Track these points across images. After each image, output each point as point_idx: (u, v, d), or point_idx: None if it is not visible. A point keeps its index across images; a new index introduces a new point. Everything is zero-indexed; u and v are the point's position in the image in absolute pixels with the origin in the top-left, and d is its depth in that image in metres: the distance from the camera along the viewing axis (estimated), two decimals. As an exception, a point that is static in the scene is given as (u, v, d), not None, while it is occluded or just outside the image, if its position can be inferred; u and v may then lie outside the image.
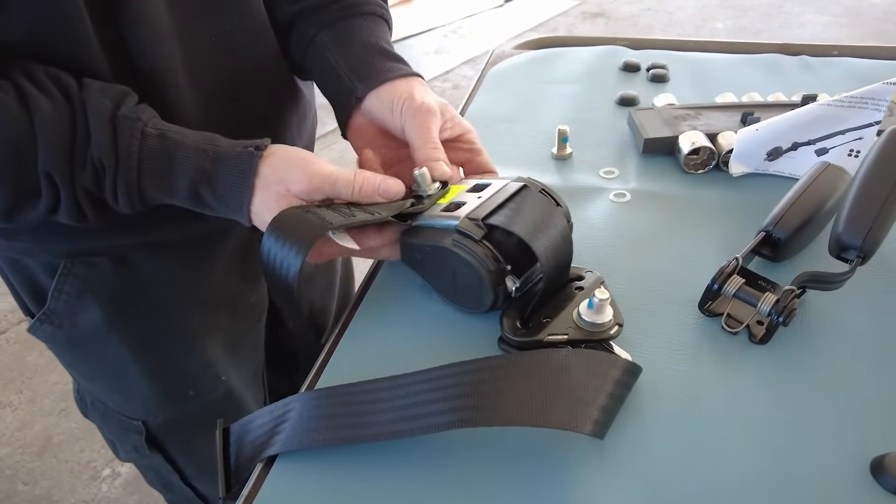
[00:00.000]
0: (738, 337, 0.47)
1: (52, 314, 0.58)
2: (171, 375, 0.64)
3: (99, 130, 0.42)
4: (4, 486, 1.48)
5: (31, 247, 0.54)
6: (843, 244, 0.46)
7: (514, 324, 0.46)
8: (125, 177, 0.43)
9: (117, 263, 0.56)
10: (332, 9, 0.56)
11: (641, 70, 0.88)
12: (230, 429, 0.46)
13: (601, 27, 3.78)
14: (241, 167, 0.44)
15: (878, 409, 0.41)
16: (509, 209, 0.46)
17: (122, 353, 0.60)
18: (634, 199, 0.62)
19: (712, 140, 0.66)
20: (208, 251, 0.62)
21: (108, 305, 0.58)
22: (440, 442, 0.40)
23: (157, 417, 0.67)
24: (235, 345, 0.68)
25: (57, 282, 0.56)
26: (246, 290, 0.67)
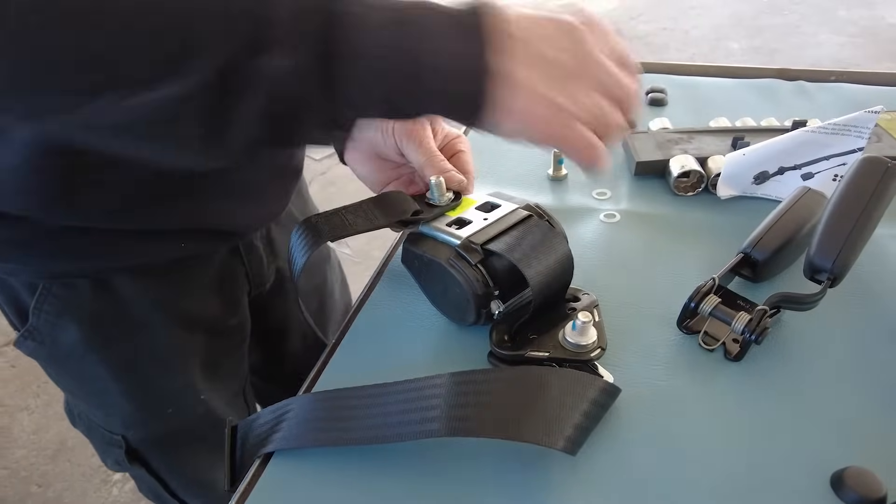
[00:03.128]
0: (715, 354, 0.49)
1: (34, 331, 0.60)
2: (149, 394, 0.66)
3: None
4: (19, 487, 1.52)
5: (14, 267, 0.57)
6: (815, 267, 0.48)
7: (503, 337, 0.48)
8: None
9: (96, 285, 0.58)
10: None
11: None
12: (238, 426, 0.49)
13: (616, 46, 3.81)
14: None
15: (842, 424, 0.43)
16: (510, 236, 0.49)
17: (100, 371, 0.62)
18: (624, 220, 0.64)
19: (702, 163, 0.68)
20: (187, 275, 0.63)
21: (87, 325, 0.60)
22: (426, 448, 0.43)
23: (136, 433, 0.69)
24: (215, 366, 0.70)
25: (36, 301, 0.58)
26: (224, 314, 0.69)
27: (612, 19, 1.24)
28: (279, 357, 0.83)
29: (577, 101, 0.38)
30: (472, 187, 0.56)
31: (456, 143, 0.58)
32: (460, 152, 0.57)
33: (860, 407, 0.44)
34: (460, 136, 0.58)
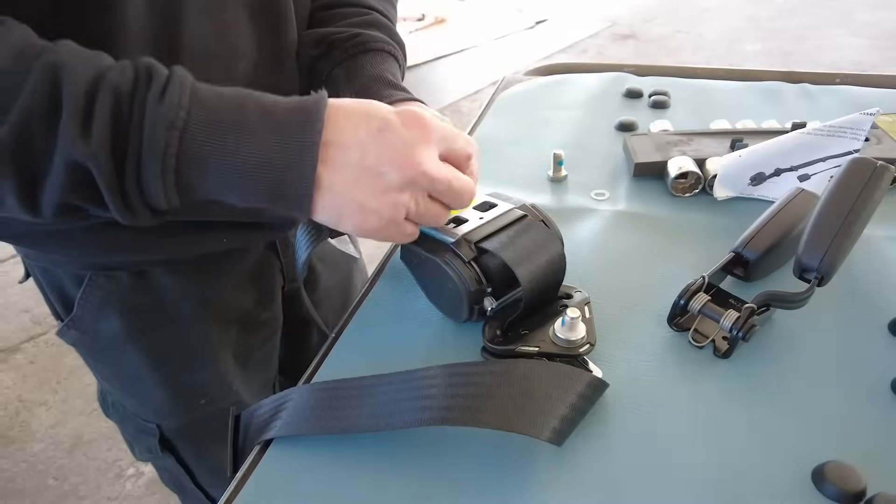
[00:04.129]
0: (704, 351, 0.50)
1: (77, 321, 0.62)
2: (183, 384, 0.68)
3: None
4: (36, 480, 1.55)
5: (61, 258, 0.59)
6: (803, 266, 0.49)
7: (495, 332, 0.49)
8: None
9: (136, 277, 0.61)
10: (345, 47, 0.61)
11: (644, 96, 0.92)
12: (241, 415, 0.51)
13: (631, 49, 3.81)
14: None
15: (825, 420, 0.44)
16: (504, 235, 0.50)
17: (137, 361, 0.65)
18: (622, 220, 0.65)
19: (700, 165, 0.69)
20: (223, 269, 0.65)
21: (127, 316, 0.62)
22: (418, 436, 0.44)
23: (170, 422, 0.71)
24: (247, 358, 0.72)
25: (83, 292, 0.60)
26: (258, 307, 0.71)
27: (627, 23, 1.26)
28: (304, 350, 0.85)
29: (385, 202, 0.43)
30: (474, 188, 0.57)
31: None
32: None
33: (844, 403, 0.45)
34: (469, 140, 0.59)
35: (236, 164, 0.40)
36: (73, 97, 0.37)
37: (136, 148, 0.38)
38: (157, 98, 0.38)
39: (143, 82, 0.39)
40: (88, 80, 0.38)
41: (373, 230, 0.45)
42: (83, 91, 0.37)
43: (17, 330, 1.96)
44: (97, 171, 0.38)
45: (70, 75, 0.37)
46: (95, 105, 0.37)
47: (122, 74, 0.39)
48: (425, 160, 0.43)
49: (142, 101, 0.38)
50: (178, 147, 0.39)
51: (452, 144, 0.47)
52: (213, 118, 0.40)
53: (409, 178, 0.43)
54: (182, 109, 0.39)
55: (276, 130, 0.41)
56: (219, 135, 0.40)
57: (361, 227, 0.45)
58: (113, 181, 0.39)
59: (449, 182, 0.45)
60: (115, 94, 0.38)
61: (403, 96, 0.57)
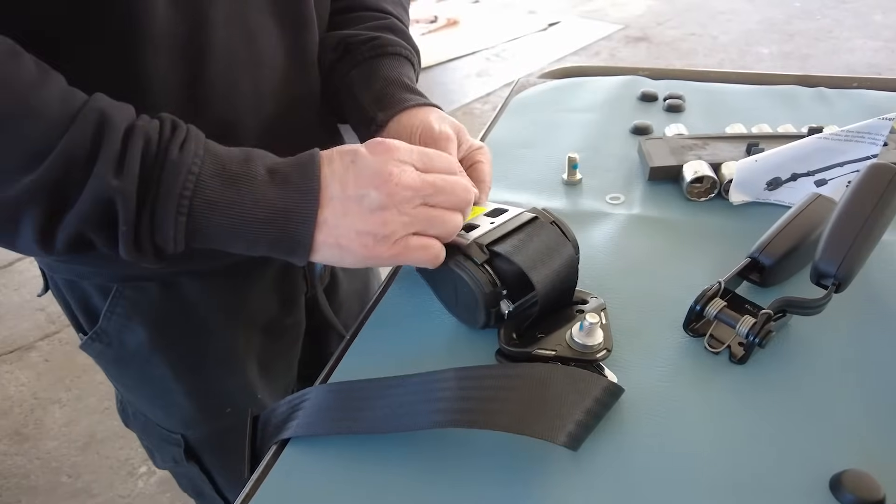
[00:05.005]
0: (720, 357, 0.49)
1: (102, 333, 0.63)
2: (210, 393, 0.69)
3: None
4: (50, 477, 1.57)
5: (88, 270, 0.60)
6: (820, 272, 0.48)
7: (511, 334, 0.49)
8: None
9: (164, 288, 0.61)
10: (362, 49, 0.62)
11: (659, 100, 0.92)
12: (259, 416, 0.51)
13: (643, 51, 3.80)
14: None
15: (843, 428, 0.44)
16: (516, 238, 0.50)
17: (164, 371, 0.65)
18: (637, 225, 0.65)
19: (716, 169, 0.68)
20: (249, 277, 0.66)
21: (154, 327, 0.63)
22: (432, 438, 0.44)
23: (195, 431, 0.71)
24: (270, 365, 0.73)
25: (109, 304, 0.61)
26: (282, 313, 0.71)
27: (640, 26, 1.26)
28: (324, 356, 0.85)
29: (375, 221, 0.45)
30: (486, 197, 0.56)
31: (476, 153, 0.58)
32: (478, 163, 0.58)
33: (862, 411, 0.45)
34: (483, 147, 0.59)
35: (244, 210, 0.44)
36: (112, 139, 0.41)
37: (156, 189, 0.42)
38: (179, 148, 0.43)
39: (168, 132, 0.43)
40: (125, 125, 0.42)
41: (374, 252, 0.46)
42: (121, 134, 0.41)
43: (32, 328, 1.98)
44: (122, 205, 0.41)
45: (111, 120, 0.41)
46: (129, 147, 0.41)
47: (150, 124, 0.43)
48: (396, 174, 0.45)
49: (166, 150, 0.42)
50: (192, 191, 0.42)
51: (429, 162, 0.48)
52: (224, 169, 0.44)
53: (387, 193, 0.45)
54: (198, 158, 0.43)
55: (280, 181, 0.45)
56: (229, 183, 0.44)
57: (363, 252, 0.46)
58: (133, 218, 0.42)
59: (433, 184, 0.46)
60: (146, 139, 0.42)
61: (419, 101, 0.58)
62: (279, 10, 0.55)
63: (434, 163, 0.48)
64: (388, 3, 0.67)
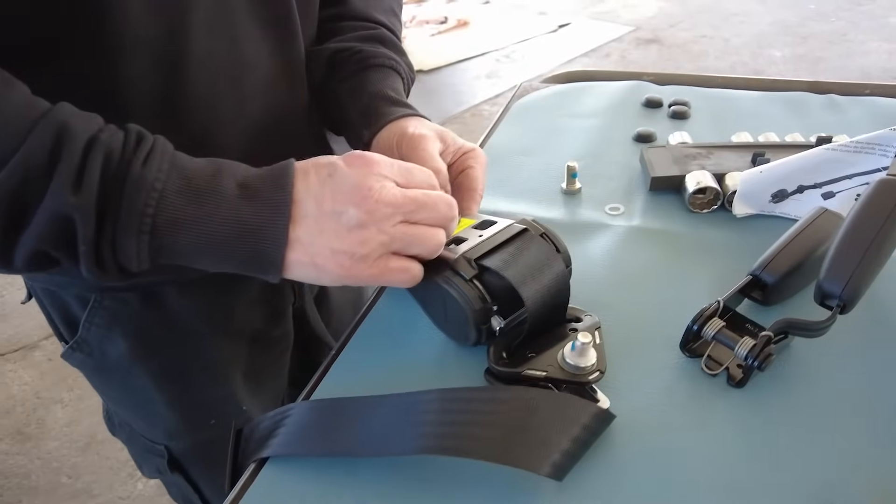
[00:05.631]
0: (718, 379, 0.47)
1: (83, 343, 0.62)
2: (193, 405, 0.67)
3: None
4: (50, 477, 1.56)
5: (66, 280, 0.58)
6: (824, 292, 0.46)
7: (500, 354, 0.48)
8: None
9: (145, 298, 0.60)
10: (347, 64, 0.60)
11: (664, 106, 0.89)
12: (242, 430, 0.50)
13: (654, 54, 3.76)
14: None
15: (844, 456, 0.42)
16: (506, 252, 0.48)
17: (146, 382, 0.64)
18: (636, 237, 0.63)
19: (720, 180, 0.66)
20: (234, 287, 0.64)
21: (135, 338, 0.61)
22: (417, 460, 0.43)
23: (179, 443, 0.70)
24: (257, 376, 0.71)
25: (88, 314, 0.59)
26: (270, 324, 0.70)
27: (651, 27, 1.23)
28: (315, 366, 0.84)
29: (352, 240, 0.43)
30: (476, 206, 0.54)
31: (467, 158, 0.56)
32: (469, 168, 0.55)
33: (865, 439, 0.43)
34: (474, 150, 0.57)
35: (211, 228, 0.41)
36: (70, 153, 0.38)
37: (116, 206, 0.40)
38: (142, 163, 0.40)
39: (132, 146, 0.41)
40: (85, 138, 0.39)
41: (351, 272, 0.44)
42: (80, 148, 0.39)
43: (36, 327, 1.98)
44: (81, 223, 0.39)
45: (71, 133, 0.39)
46: (88, 161, 0.39)
47: (113, 136, 0.41)
48: (377, 190, 0.43)
49: (128, 164, 0.40)
50: (155, 208, 0.40)
51: (409, 177, 0.46)
52: (190, 184, 0.41)
53: (366, 210, 0.43)
54: (162, 173, 0.40)
55: (249, 196, 0.42)
56: (195, 199, 0.41)
57: (339, 272, 0.44)
58: (92, 236, 0.40)
59: (415, 200, 0.44)
60: (106, 154, 0.39)
61: (402, 112, 0.56)
62: (263, 17, 0.53)
63: (414, 177, 0.46)
64: (379, 13, 0.65)
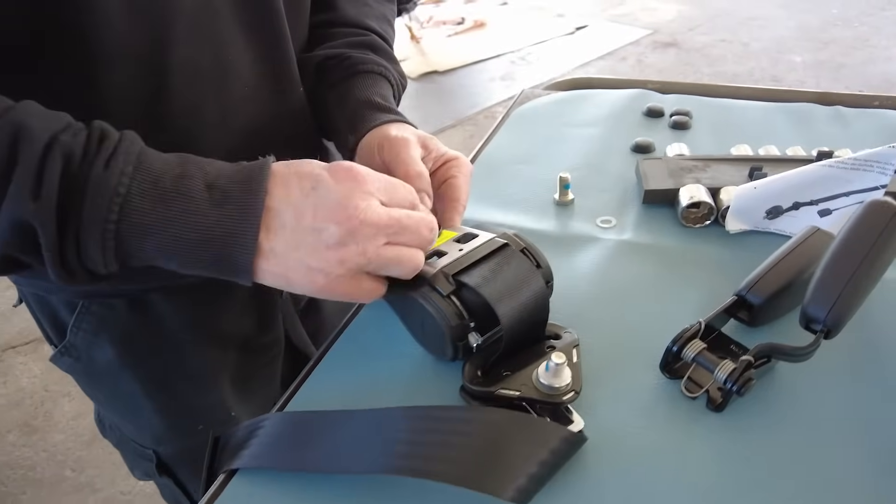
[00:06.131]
0: (697, 402, 0.46)
1: (71, 348, 0.62)
2: (181, 411, 0.67)
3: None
4: (55, 470, 1.58)
5: (52, 286, 0.58)
6: (808, 317, 0.45)
7: (475, 372, 0.47)
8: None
9: (131, 304, 0.60)
10: (337, 69, 0.60)
11: (665, 116, 0.88)
12: (219, 438, 0.49)
13: (672, 57, 3.73)
14: None
15: (827, 484, 0.41)
16: (485, 267, 0.48)
17: (133, 387, 0.64)
18: (626, 251, 0.62)
19: (715, 194, 0.65)
20: (222, 294, 0.64)
21: (122, 343, 0.61)
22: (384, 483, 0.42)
23: (167, 447, 0.70)
24: (246, 382, 0.71)
25: (76, 319, 0.60)
26: (258, 332, 0.70)
27: (669, 31, 1.21)
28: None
29: (329, 259, 0.41)
30: (459, 218, 0.53)
31: (449, 167, 0.55)
32: (452, 178, 0.54)
33: (849, 468, 0.42)
34: (458, 158, 0.56)
35: (178, 232, 0.40)
36: (28, 157, 0.37)
37: (77, 212, 0.38)
38: (104, 165, 0.39)
39: (94, 147, 0.39)
40: (44, 141, 0.38)
41: (324, 289, 0.43)
42: (38, 151, 0.37)
43: (46, 321, 2.01)
44: (42, 230, 0.38)
45: (28, 135, 0.37)
46: (46, 165, 0.37)
47: (74, 137, 0.39)
48: (362, 209, 0.41)
49: (89, 167, 0.38)
50: (118, 214, 0.39)
51: (393, 194, 0.45)
52: (156, 186, 0.40)
53: (348, 230, 0.41)
54: (125, 176, 0.39)
55: (219, 199, 0.41)
56: (160, 203, 0.40)
57: (311, 288, 0.43)
58: (55, 243, 0.39)
59: (399, 221, 0.43)
60: (66, 157, 0.38)
61: (386, 118, 0.55)
62: (248, 23, 0.53)
63: (398, 194, 0.45)
64: (371, 19, 0.65)
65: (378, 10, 0.69)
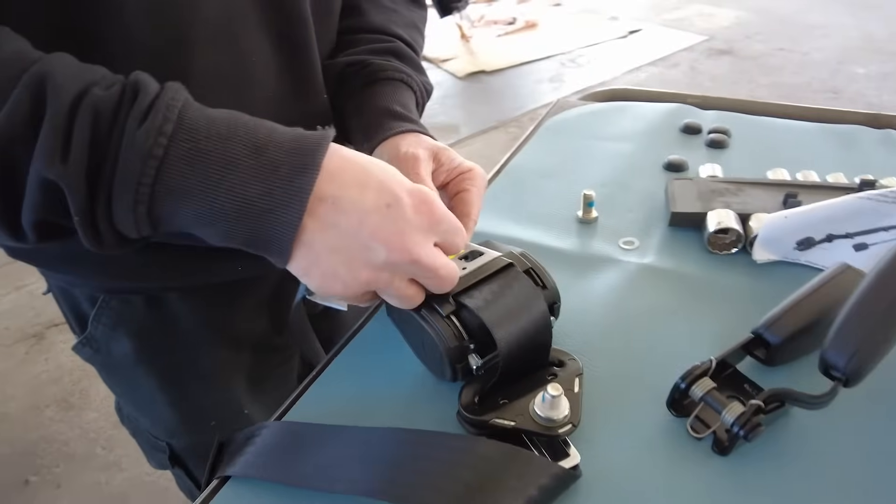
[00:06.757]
0: (703, 443, 0.44)
1: (91, 339, 0.63)
2: (194, 407, 0.68)
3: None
4: (87, 447, 1.63)
5: (75, 280, 0.60)
6: (827, 363, 0.42)
7: (472, 398, 0.46)
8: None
9: (150, 302, 0.61)
10: (355, 79, 0.60)
11: (702, 133, 0.85)
12: (224, 442, 0.49)
13: (726, 65, 3.62)
14: None
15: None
16: (486, 289, 0.46)
17: (149, 382, 0.65)
18: (646, 276, 0.60)
19: (744, 220, 0.62)
20: (239, 295, 0.65)
21: (138, 339, 0.62)
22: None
23: (180, 441, 0.71)
24: (260, 381, 0.71)
25: (96, 312, 0.61)
26: (272, 333, 0.70)
27: (725, 38, 1.17)
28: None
29: (360, 276, 0.40)
30: (470, 234, 0.52)
31: (462, 179, 0.54)
32: (464, 191, 0.53)
33: (858, 530, 0.39)
34: (472, 170, 0.54)
35: (216, 201, 0.37)
36: (55, 113, 0.34)
37: (109, 174, 0.36)
38: (138, 121, 0.35)
39: (128, 101, 0.36)
40: (73, 95, 0.35)
41: (330, 293, 0.42)
42: (66, 107, 0.35)
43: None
44: (70, 194, 0.36)
45: (55, 89, 0.35)
46: (75, 123, 0.35)
47: (107, 90, 0.36)
48: (419, 248, 0.40)
49: (122, 124, 0.35)
50: (153, 178, 0.35)
51: (452, 238, 0.43)
52: (197, 149, 0.36)
53: (395, 261, 0.40)
54: (163, 136, 0.35)
55: (266, 171, 0.37)
56: (201, 168, 0.36)
57: (321, 289, 0.42)
58: (85, 206, 0.36)
59: (436, 271, 0.42)
60: (96, 113, 0.35)
61: (405, 128, 0.54)
62: (273, 30, 0.53)
63: (454, 243, 0.44)
64: (399, 26, 0.64)
65: (407, 16, 0.68)
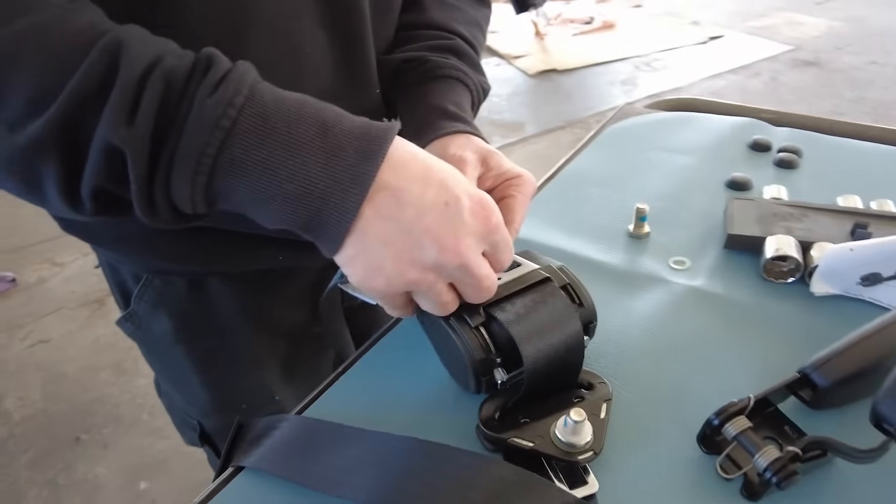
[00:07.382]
0: (732, 484, 0.42)
1: (133, 315, 0.65)
2: (226, 390, 0.70)
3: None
4: (134, 412, 1.70)
5: (121, 257, 0.62)
6: (878, 414, 0.39)
7: (492, 413, 0.44)
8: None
9: (191, 284, 0.62)
10: (409, 76, 0.59)
11: (772, 151, 0.81)
12: (243, 426, 0.50)
13: (811, 78, 3.45)
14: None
15: None
16: (519, 302, 0.45)
17: (185, 362, 0.67)
18: (694, 299, 0.57)
19: (805, 249, 0.59)
20: (280, 284, 0.66)
21: (177, 319, 0.64)
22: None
23: (211, 421, 0.73)
24: (294, 370, 0.72)
25: (139, 290, 0.63)
26: (310, 322, 0.70)
27: (813, 48, 1.12)
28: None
29: (405, 272, 0.39)
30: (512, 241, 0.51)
31: (509, 185, 0.52)
32: (509, 198, 0.51)
33: None
34: (520, 176, 0.52)
35: (276, 179, 0.36)
36: (127, 78, 0.35)
37: (173, 143, 0.35)
38: (209, 92, 0.35)
39: (199, 73, 0.36)
40: (146, 63, 0.35)
41: (367, 288, 0.41)
42: (139, 73, 0.35)
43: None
44: (132, 158, 0.35)
45: (128, 57, 0.35)
46: (145, 89, 0.35)
47: (180, 60, 0.36)
48: (471, 252, 0.39)
49: (192, 93, 0.35)
50: (218, 148, 0.35)
51: (500, 252, 0.42)
52: (264, 124, 0.36)
53: (443, 262, 0.39)
54: (232, 108, 0.35)
55: (331, 153, 0.37)
56: (266, 144, 0.36)
57: (364, 280, 0.40)
58: (144, 173, 0.36)
59: (480, 281, 0.41)
60: (167, 81, 0.35)
61: (456, 129, 0.53)
62: (331, 23, 0.52)
63: (503, 255, 0.43)
64: (460, 24, 0.63)
65: (470, 14, 0.67)
